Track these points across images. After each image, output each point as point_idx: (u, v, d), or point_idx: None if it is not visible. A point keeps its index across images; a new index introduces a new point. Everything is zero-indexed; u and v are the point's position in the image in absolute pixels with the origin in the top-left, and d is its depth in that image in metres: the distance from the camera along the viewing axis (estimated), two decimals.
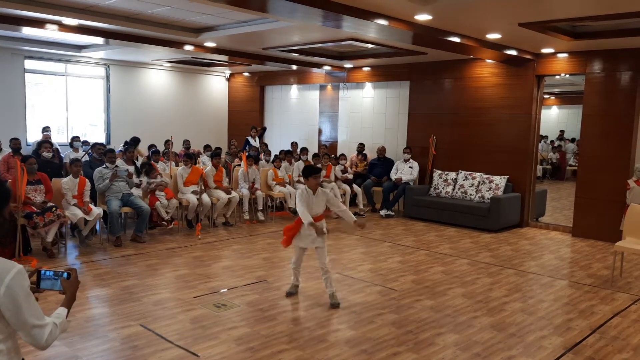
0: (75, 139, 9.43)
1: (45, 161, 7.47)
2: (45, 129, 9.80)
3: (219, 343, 3.93)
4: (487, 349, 3.97)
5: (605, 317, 4.75)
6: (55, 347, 3.76)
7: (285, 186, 9.12)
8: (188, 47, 8.71)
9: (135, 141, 9.67)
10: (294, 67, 11.02)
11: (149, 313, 4.50)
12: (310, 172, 4.77)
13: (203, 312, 4.55)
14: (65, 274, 2.16)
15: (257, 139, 11.82)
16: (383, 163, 10.18)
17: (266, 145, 11.34)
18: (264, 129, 12.54)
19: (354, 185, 9.85)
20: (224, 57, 9.94)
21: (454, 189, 9.21)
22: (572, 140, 16.02)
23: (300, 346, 3.92)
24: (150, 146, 9.73)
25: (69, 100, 11.19)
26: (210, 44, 8.75)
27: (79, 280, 2.23)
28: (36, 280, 2.18)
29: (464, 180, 9.12)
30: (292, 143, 11.33)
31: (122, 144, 9.84)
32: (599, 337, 4.27)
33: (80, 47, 10.16)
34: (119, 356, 3.70)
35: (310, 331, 4.22)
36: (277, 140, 12.70)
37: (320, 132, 12.05)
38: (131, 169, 7.53)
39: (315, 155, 9.89)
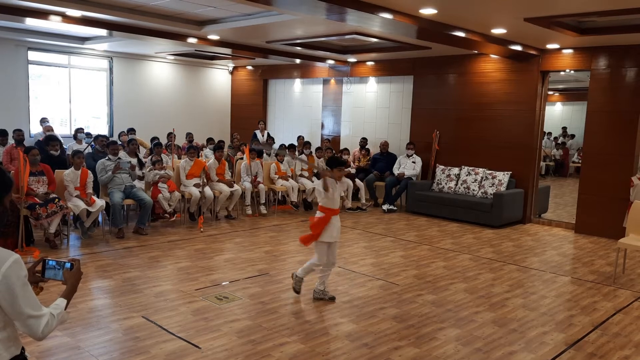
0: (79, 130, 9.43)
1: (52, 156, 7.44)
2: (43, 120, 9.80)
3: (221, 335, 3.94)
4: (489, 344, 3.97)
5: (607, 313, 4.74)
6: (57, 337, 3.77)
7: (287, 180, 9.11)
8: (191, 40, 8.69)
9: (131, 131, 9.84)
10: (298, 60, 10.98)
11: (151, 305, 4.51)
12: (335, 164, 4.66)
13: (205, 305, 4.56)
14: (68, 264, 2.17)
15: (265, 133, 11.80)
16: (386, 158, 10.16)
17: (273, 139, 11.30)
18: (273, 140, 12.10)
19: (357, 180, 9.83)
20: (228, 50, 9.92)
21: (456, 185, 9.19)
22: (572, 136, 16.00)
23: (301, 339, 3.93)
24: (153, 139, 9.73)
25: (72, 92, 11.19)
26: (213, 37, 8.73)
27: (82, 272, 2.22)
28: (41, 269, 2.18)
29: (466, 175, 9.09)
30: (298, 137, 11.29)
31: (119, 136, 9.91)
32: (600, 334, 4.26)
33: (83, 39, 10.15)
34: (120, 347, 3.70)
35: (311, 324, 4.22)
36: (280, 134, 12.67)
37: (323, 126, 12.03)
38: (134, 161, 7.53)
39: (317, 149, 9.88)
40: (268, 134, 11.95)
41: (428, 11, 5.94)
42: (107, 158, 7.17)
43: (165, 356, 3.57)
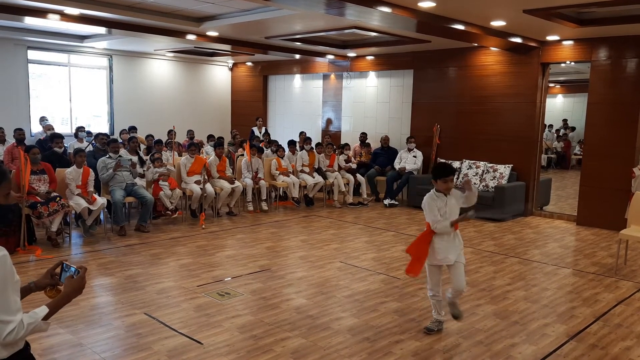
0: (80, 129, 9.44)
1: (56, 154, 7.44)
2: (43, 119, 9.81)
3: (223, 331, 3.95)
4: (490, 337, 3.97)
5: (609, 305, 4.73)
6: (60, 335, 3.79)
7: (288, 176, 9.11)
8: (190, 37, 8.69)
9: (132, 129, 9.83)
10: (297, 56, 10.97)
11: (153, 301, 4.53)
12: (440, 174, 3.78)
13: (207, 301, 4.57)
14: (73, 270, 2.11)
15: (263, 129, 11.80)
16: (387, 152, 10.15)
17: (269, 135, 11.30)
18: (269, 137, 12.07)
19: (358, 175, 9.84)
20: (227, 47, 9.91)
21: (457, 178, 9.18)
22: (573, 128, 15.96)
23: (303, 334, 3.93)
24: (147, 136, 9.70)
25: (72, 90, 11.19)
26: (212, 33, 8.72)
27: (85, 281, 2.09)
28: (59, 272, 2.16)
29: (468, 169, 9.08)
30: (300, 133, 11.27)
31: (120, 134, 9.90)
32: (602, 325, 4.26)
33: (82, 37, 10.15)
34: (123, 344, 3.72)
35: (313, 319, 4.23)
36: (280, 130, 12.68)
37: (323, 121, 12.01)
38: (134, 158, 7.53)
39: (318, 145, 9.88)
40: (266, 130, 11.95)
41: (426, 4, 5.91)
42: (107, 156, 7.18)
43: (167, 352, 3.58)
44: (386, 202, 9.54)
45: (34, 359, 2.04)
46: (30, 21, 7.72)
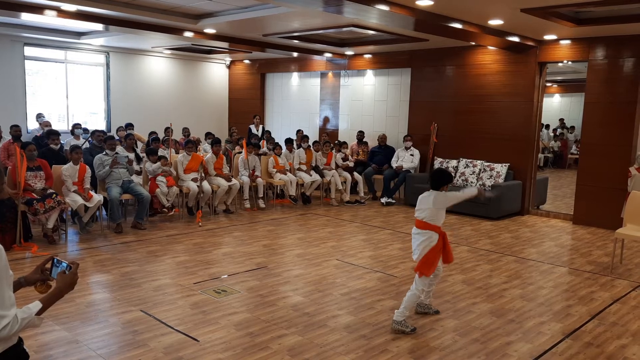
0: (76, 126, 9.40)
1: (52, 151, 7.42)
2: (39, 116, 9.77)
3: (219, 328, 3.95)
4: (486, 335, 3.98)
5: (604, 303, 4.75)
6: (55, 331, 3.78)
7: (286, 174, 9.11)
8: (188, 34, 8.66)
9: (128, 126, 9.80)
10: (295, 54, 10.96)
11: (149, 299, 4.52)
12: (449, 180, 4.22)
13: (203, 298, 4.57)
14: (64, 265, 2.10)
15: (260, 127, 11.79)
16: (384, 151, 10.16)
17: (269, 133, 11.28)
18: (270, 134, 12.11)
19: (355, 173, 9.83)
20: (224, 44, 9.89)
21: (454, 177, 9.19)
22: (572, 128, 16.00)
23: (299, 331, 3.94)
24: (151, 133, 9.71)
25: (69, 87, 11.15)
26: (210, 31, 8.70)
27: (77, 277, 2.09)
28: (50, 268, 2.15)
29: (465, 167, 9.09)
30: (297, 131, 11.26)
31: (117, 131, 9.86)
32: (598, 323, 4.28)
33: (79, 34, 10.12)
34: (119, 341, 3.71)
35: (309, 317, 4.23)
36: (277, 128, 12.66)
37: (320, 119, 12.00)
38: (131, 156, 7.52)
39: (315, 143, 9.87)
40: (263, 128, 11.93)
41: (424, 3, 5.91)
42: (104, 153, 7.16)
43: (163, 349, 3.58)
44: (383, 200, 9.54)
45: (27, 354, 2.03)
46: (27, 17, 7.69)
